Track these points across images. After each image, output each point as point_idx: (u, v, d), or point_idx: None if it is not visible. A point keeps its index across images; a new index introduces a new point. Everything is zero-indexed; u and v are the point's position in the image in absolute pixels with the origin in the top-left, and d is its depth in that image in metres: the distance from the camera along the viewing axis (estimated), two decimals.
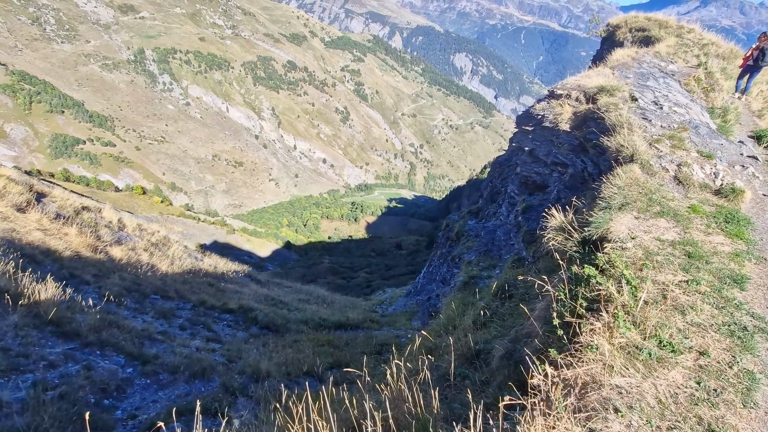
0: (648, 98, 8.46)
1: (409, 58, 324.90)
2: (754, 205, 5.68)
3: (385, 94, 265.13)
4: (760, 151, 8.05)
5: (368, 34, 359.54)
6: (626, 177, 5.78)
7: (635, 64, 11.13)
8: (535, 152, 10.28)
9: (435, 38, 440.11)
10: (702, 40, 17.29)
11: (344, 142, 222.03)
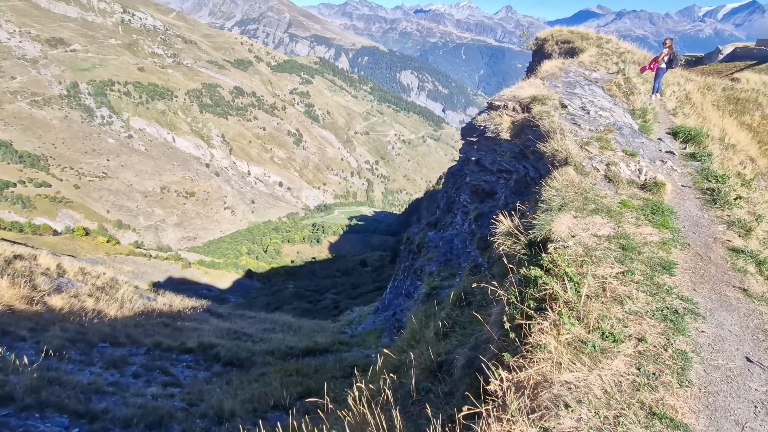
0: (576, 104, 9.13)
1: (356, 77, 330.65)
2: (675, 195, 6.22)
3: (336, 114, 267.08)
4: (676, 146, 8.88)
5: (314, 57, 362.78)
6: (562, 179, 6.14)
7: (563, 74, 11.99)
8: (482, 161, 10.73)
9: (380, 58, 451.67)
10: (619, 48, 18.98)
11: (299, 164, 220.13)
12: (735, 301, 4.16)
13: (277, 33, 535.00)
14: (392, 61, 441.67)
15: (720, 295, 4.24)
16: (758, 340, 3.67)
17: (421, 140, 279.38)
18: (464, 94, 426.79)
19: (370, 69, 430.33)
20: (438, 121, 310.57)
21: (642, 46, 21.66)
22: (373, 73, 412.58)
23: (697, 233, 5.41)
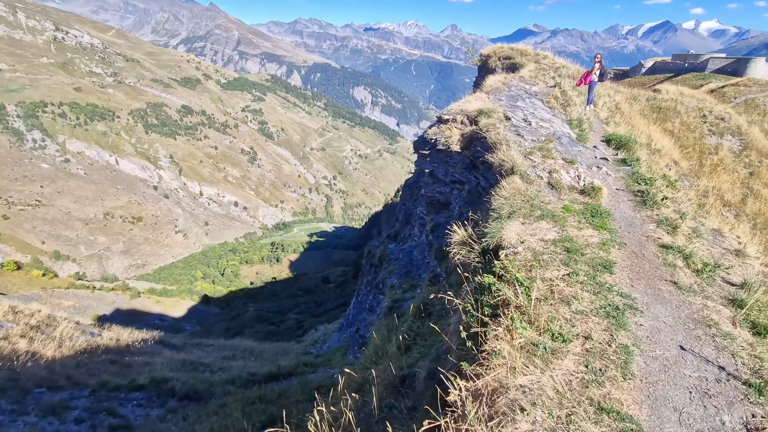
0: (519, 117, 9.65)
1: (310, 94, 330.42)
2: (611, 198, 6.69)
3: (291, 130, 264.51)
4: (610, 152, 9.60)
5: (266, 74, 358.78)
6: (510, 188, 6.42)
7: (506, 88, 12.66)
8: (435, 173, 11.02)
9: (332, 74, 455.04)
10: (555, 64, 20.35)
11: (255, 182, 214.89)
12: (667, 294, 4.51)
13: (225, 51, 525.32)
14: (345, 78, 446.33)
15: (654, 289, 4.58)
16: (689, 329, 4.00)
17: (377, 154, 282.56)
18: (417, 108, 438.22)
19: (323, 85, 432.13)
20: (393, 135, 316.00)
21: (575, 62, 23.37)
22: (326, 89, 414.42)
23: (632, 233, 5.84)
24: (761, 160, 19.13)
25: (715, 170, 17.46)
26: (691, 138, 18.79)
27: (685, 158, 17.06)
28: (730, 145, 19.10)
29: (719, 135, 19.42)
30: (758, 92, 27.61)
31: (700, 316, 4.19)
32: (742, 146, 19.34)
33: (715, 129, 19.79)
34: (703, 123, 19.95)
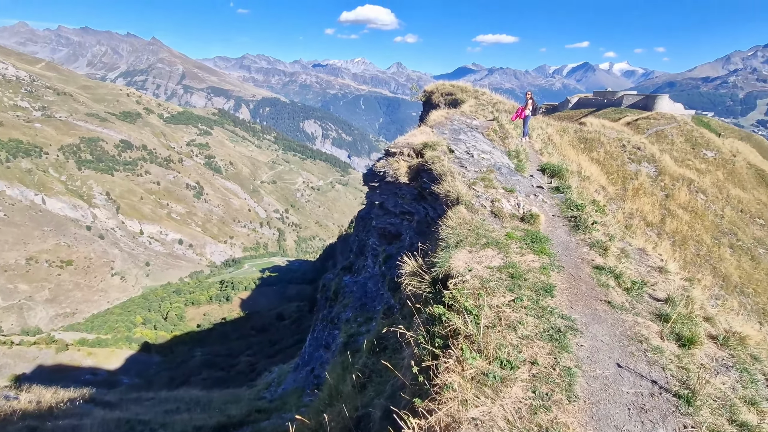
0: (462, 149, 10.16)
1: (259, 127, 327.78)
2: (548, 224, 7.13)
3: (240, 164, 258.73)
4: (545, 180, 10.31)
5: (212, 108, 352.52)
6: (456, 217, 6.65)
7: (448, 122, 13.34)
8: (385, 205, 11.18)
9: (282, 108, 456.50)
10: (493, 99, 21.85)
11: (202, 218, 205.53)
12: (603, 313, 4.80)
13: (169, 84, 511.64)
14: (294, 112, 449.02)
15: (591, 309, 4.86)
16: (624, 346, 4.25)
17: (329, 186, 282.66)
18: (367, 140, 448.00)
19: (273, 119, 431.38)
20: (345, 167, 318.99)
21: (510, 97, 25.28)
22: (276, 123, 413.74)
23: (568, 256, 6.23)
24: (674, 184, 21.41)
25: (637, 194, 19.26)
26: (615, 165, 20.72)
27: (611, 183, 18.71)
28: (648, 171, 21.26)
29: (638, 162, 21.60)
30: (665, 124, 31.30)
31: (633, 332, 4.49)
32: (657, 172, 21.60)
33: (633, 157, 22.00)
34: (623, 152, 22.14)
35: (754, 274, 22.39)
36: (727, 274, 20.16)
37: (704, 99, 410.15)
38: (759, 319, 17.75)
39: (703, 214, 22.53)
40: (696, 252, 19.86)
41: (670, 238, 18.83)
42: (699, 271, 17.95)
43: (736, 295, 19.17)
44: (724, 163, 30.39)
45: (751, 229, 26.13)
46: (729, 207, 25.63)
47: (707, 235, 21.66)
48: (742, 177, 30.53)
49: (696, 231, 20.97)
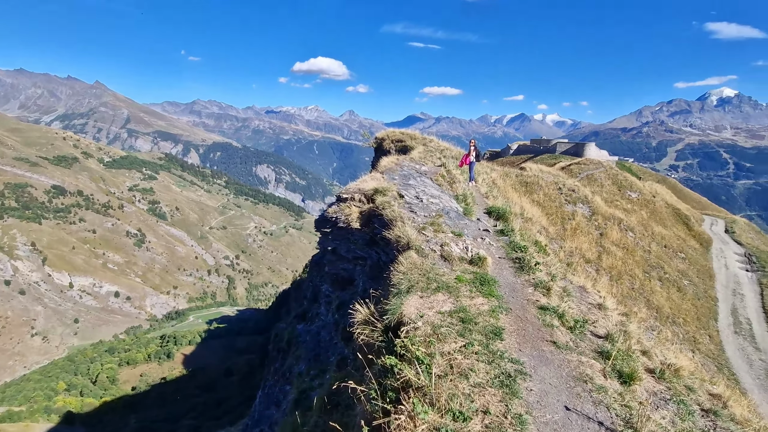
0: (412, 194, 10.46)
1: (209, 172, 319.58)
2: (495, 266, 7.37)
3: (187, 209, 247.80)
4: (491, 223, 10.79)
5: (159, 153, 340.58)
6: (407, 263, 6.69)
7: (398, 168, 13.79)
8: (338, 251, 11.07)
9: (234, 153, 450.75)
10: (440, 146, 23.02)
11: (143, 267, 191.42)
12: (550, 354, 4.92)
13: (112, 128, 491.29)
14: (247, 156, 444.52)
15: (539, 351, 4.97)
16: (570, 387, 4.35)
17: (283, 230, 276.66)
18: (321, 184, 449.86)
19: (224, 164, 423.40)
20: (299, 211, 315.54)
21: (457, 144, 26.78)
22: (227, 167, 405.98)
23: (515, 297, 6.43)
24: (606, 223, 23.23)
25: (575, 233, 20.64)
26: (553, 206, 22.23)
27: (552, 224, 19.94)
28: (583, 212, 22.99)
29: (573, 203, 23.33)
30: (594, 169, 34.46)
31: (578, 372, 4.62)
32: (591, 212, 23.40)
33: (569, 198, 23.77)
34: (560, 194, 23.89)
35: (682, 304, 24.25)
36: (659, 305, 21.66)
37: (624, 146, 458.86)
38: (690, 348, 19.02)
39: (634, 250, 24.45)
40: (631, 286, 21.28)
41: (607, 273, 20.11)
42: (635, 304, 19.15)
43: (669, 325, 20.53)
44: (646, 203, 33.64)
45: (675, 263, 28.62)
46: (654, 243, 28.07)
47: (639, 270, 23.40)
48: (662, 215, 33.82)
49: (629, 266, 22.60)
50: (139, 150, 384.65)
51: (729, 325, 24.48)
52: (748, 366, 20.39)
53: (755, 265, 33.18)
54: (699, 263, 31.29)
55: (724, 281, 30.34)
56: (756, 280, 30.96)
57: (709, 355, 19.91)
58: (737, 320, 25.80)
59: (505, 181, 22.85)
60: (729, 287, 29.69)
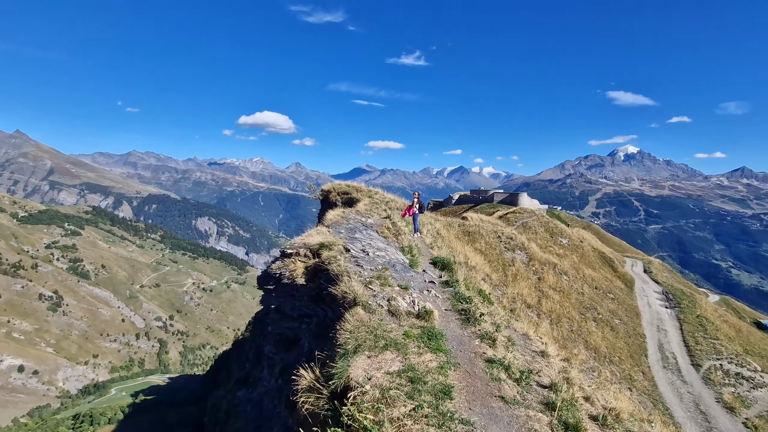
0: (358, 247, 10.44)
1: (143, 226, 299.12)
2: (442, 319, 7.40)
3: (115, 267, 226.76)
4: (437, 274, 10.98)
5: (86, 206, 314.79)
6: (354, 320, 6.51)
7: (344, 221, 13.83)
8: (282, 309, 10.53)
9: (171, 205, 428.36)
10: (385, 198, 23.59)
11: (56, 335, 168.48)
12: (499, 410, 4.89)
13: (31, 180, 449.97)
14: (186, 209, 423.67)
15: (488, 408, 4.93)
16: None
17: (224, 286, 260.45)
18: (266, 237, 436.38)
19: (160, 217, 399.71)
20: (242, 265, 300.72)
21: (402, 196, 27.63)
22: (163, 221, 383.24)
23: (463, 350, 6.43)
24: (542, 267, 24.60)
25: (516, 279, 21.56)
26: (494, 254, 23.25)
27: (494, 271, 20.73)
28: (521, 258, 24.23)
29: (512, 250, 24.59)
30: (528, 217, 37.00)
31: (527, 428, 4.61)
32: (528, 258, 24.74)
33: (508, 246, 25.06)
34: (500, 242, 25.15)
35: (616, 342, 25.70)
36: (596, 346, 22.76)
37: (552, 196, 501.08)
38: (628, 385, 19.93)
39: (569, 293, 25.92)
40: (570, 328, 22.29)
41: (547, 317, 20.98)
42: (575, 345, 19.97)
43: (607, 364, 21.51)
44: (575, 248, 36.35)
45: (606, 303, 30.64)
46: (586, 285, 30.03)
47: (575, 312, 24.69)
48: (590, 259, 36.59)
49: (566, 309, 23.80)
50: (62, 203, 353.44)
51: (658, 360, 26.17)
52: (678, 399, 21.66)
53: (672, 302, 36.47)
54: (626, 302, 33.75)
55: (648, 318, 32.84)
56: (675, 316, 33.89)
57: (645, 392, 20.93)
58: (664, 355, 27.70)
59: (449, 231, 23.67)
60: (653, 324, 32.13)
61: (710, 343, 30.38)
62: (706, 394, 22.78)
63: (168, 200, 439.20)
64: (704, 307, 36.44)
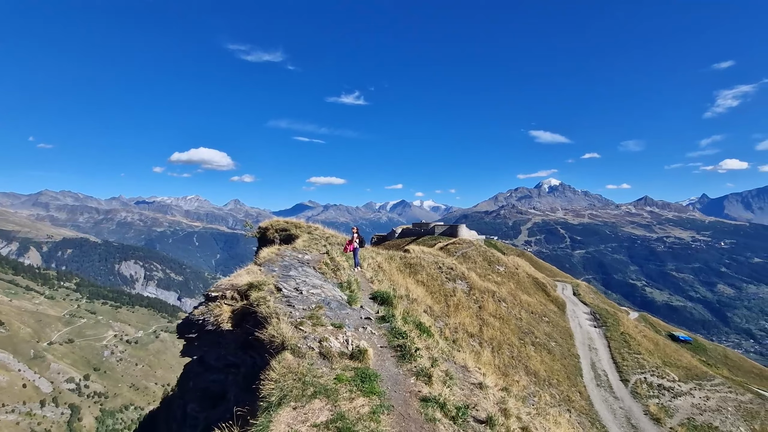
0: (291, 286, 9.88)
1: (54, 274, 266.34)
2: (377, 358, 7.07)
3: (16, 324, 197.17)
4: (375, 309, 10.68)
5: None
6: (281, 366, 5.97)
7: (279, 259, 13.18)
8: (206, 360, 9.49)
9: (91, 249, 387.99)
10: (325, 234, 23.15)
11: None
12: None
13: None
14: (108, 252, 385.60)
15: None
16: None
17: (152, 336, 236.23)
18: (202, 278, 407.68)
19: (77, 263, 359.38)
20: (173, 311, 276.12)
21: (344, 231, 27.31)
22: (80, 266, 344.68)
23: (397, 391, 6.12)
24: (482, 296, 25.24)
25: (458, 308, 21.82)
26: (436, 285, 23.48)
27: (436, 302, 20.84)
28: (462, 287, 24.71)
29: (453, 280, 25.04)
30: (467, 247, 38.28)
31: None
32: (468, 287, 25.30)
33: (449, 276, 25.51)
34: (441, 273, 25.54)
35: (553, 365, 26.67)
36: (536, 370, 23.41)
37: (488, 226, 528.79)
38: (567, 407, 20.53)
39: (508, 319, 26.74)
40: (510, 354, 22.78)
41: (489, 344, 21.31)
42: (516, 372, 20.35)
43: (547, 387, 22.10)
44: (512, 275, 38.05)
45: (542, 327, 32.00)
46: (524, 310, 31.25)
47: (515, 337, 25.40)
48: (525, 285, 38.40)
49: (506, 335, 24.42)
50: None
51: (592, 378, 27.47)
52: (612, 416, 22.68)
53: (599, 321, 39.06)
54: (560, 325, 35.52)
55: (581, 339, 34.74)
56: (603, 335, 36.21)
57: (582, 412, 21.68)
58: (597, 373, 29.20)
59: (390, 264, 23.61)
60: (585, 344, 34.00)
61: (634, 358, 32.65)
62: (635, 407, 24.14)
63: (86, 244, 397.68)
64: (626, 325, 39.42)
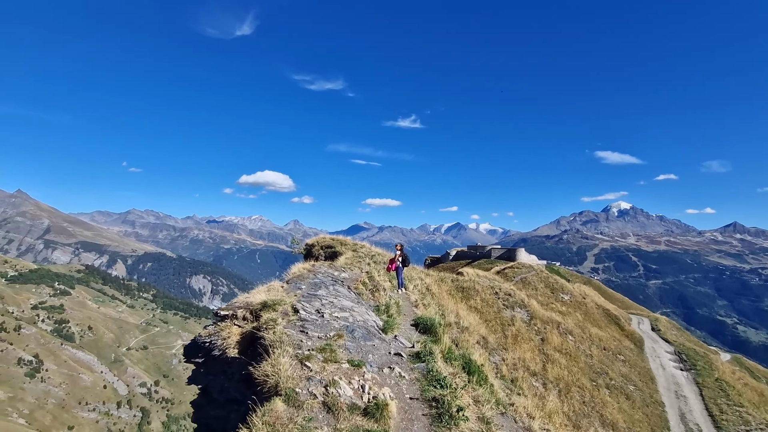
0: (313, 307, 8.35)
1: (135, 285, 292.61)
2: (402, 416, 5.18)
3: (102, 328, 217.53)
4: (415, 337, 8.77)
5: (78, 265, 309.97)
6: (263, 422, 4.33)
7: (311, 275, 11.80)
8: (209, 391, 8.18)
9: (167, 263, 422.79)
10: (371, 252, 21.67)
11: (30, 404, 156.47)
12: None
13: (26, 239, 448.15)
14: (181, 267, 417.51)
15: None
16: None
17: None
18: None
19: (155, 275, 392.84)
20: None
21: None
22: (157, 279, 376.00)
23: None
24: (545, 327, 22.03)
25: (516, 340, 18.99)
26: (492, 312, 20.83)
27: (491, 332, 18.24)
28: (521, 316, 21.76)
29: (511, 308, 22.18)
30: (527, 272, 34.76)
31: None
32: (529, 316, 22.26)
33: (507, 303, 22.67)
34: (497, 298, 22.80)
35: (634, 414, 22.41)
36: (614, 420, 19.61)
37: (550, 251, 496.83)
38: None
39: (577, 355, 23.08)
40: (581, 399, 19.29)
41: (555, 386, 18.14)
42: (590, 423, 16.96)
43: None
44: (578, 304, 33.70)
45: (617, 366, 27.50)
46: (594, 346, 27.12)
47: (585, 378, 21.72)
48: (595, 316, 33.80)
49: (575, 375, 20.90)
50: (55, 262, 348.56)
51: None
52: None
53: (687, 363, 33.18)
54: (638, 365, 30.53)
55: (664, 383, 29.49)
56: (692, 380, 30.54)
57: None
58: (688, 427, 24.27)
59: (440, 287, 21.45)
60: (671, 389, 28.76)
61: (735, 411, 26.93)
62: None
63: (163, 258, 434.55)
64: (722, 369, 33.08)
